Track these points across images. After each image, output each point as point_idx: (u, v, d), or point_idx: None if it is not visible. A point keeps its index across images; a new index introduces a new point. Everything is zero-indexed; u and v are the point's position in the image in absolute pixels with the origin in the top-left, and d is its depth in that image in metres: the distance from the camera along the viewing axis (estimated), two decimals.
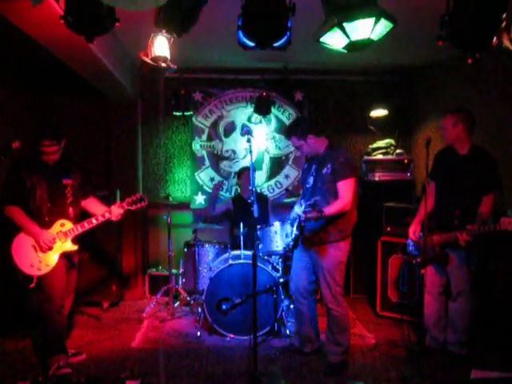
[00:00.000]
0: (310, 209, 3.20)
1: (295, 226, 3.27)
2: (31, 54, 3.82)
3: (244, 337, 3.85)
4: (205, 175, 5.74)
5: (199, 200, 5.71)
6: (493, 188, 3.32)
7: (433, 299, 3.54)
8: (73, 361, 3.52)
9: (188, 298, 4.78)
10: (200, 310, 4.28)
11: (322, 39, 2.45)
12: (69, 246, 3.40)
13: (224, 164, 5.76)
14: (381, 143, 5.50)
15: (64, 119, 5.48)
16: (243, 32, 2.39)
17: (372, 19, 2.28)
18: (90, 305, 4.82)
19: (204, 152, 5.74)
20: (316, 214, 3.16)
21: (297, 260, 3.61)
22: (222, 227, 5.08)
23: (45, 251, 3.29)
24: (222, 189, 5.63)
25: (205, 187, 5.72)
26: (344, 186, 3.26)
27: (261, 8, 2.32)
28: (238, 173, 5.12)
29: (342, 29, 2.31)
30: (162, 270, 5.32)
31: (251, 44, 2.43)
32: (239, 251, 4.16)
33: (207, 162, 5.74)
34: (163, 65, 3.19)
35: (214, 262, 4.41)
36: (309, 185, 3.48)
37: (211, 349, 3.84)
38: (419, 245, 3.55)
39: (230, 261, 4.07)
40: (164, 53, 3.14)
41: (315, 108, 5.86)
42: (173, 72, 3.36)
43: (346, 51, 2.50)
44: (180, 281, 4.89)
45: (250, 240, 3.92)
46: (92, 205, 3.65)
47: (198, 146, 5.72)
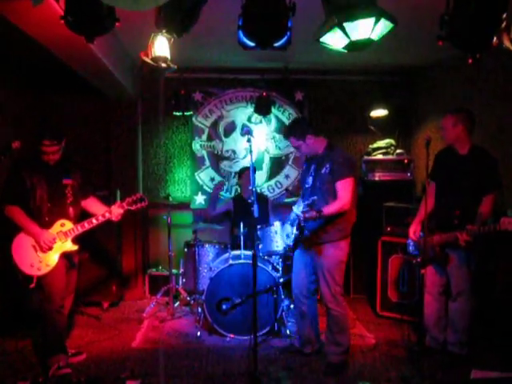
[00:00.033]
0: (309, 209, 3.19)
1: (295, 226, 3.27)
2: (31, 54, 3.83)
3: (244, 337, 3.85)
4: (205, 175, 5.74)
5: (199, 200, 5.71)
6: (493, 188, 3.32)
7: (433, 299, 3.54)
8: (73, 361, 3.52)
9: (188, 298, 4.78)
10: (200, 310, 4.28)
11: (322, 39, 2.45)
12: (69, 246, 3.40)
13: (224, 164, 5.76)
14: (381, 143, 5.50)
15: (64, 119, 5.48)
16: (243, 32, 2.39)
17: (372, 19, 2.28)
18: (90, 305, 4.82)
19: (204, 152, 5.74)
20: (314, 214, 3.16)
21: (297, 260, 3.61)
22: (223, 227, 5.08)
23: (45, 251, 3.29)
24: (223, 189, 5.63)
25: (205, 187, 5.72)
26: (343, 186, 3.26)
27: (261, 8, 2.32)
28: (239, 173, 5.12)
29: (342, 29, 2.31)
30: (162, 270, 5.32)
31: (251, 44, 2.43)
32: (239, 251, 4.16)
33: (207, 162, 5.74)
34: (163, 65, 3.19)
35: (214, 262, 4.41)
36: (308, 185, 3.48)
37: (211, 349, 3.84)
38: (419, 245, 3.55)
39: (230, 261, 4.07)
40: (164, 53, 3.14)
41: (315, 108, 5.86)
42: (173, 72, 3.36)
43: (346, 51, 2.50)
44: (180, 281, 4.89)
45: (250, 240, 3.92)
46: (92, 205, 3.65)
47: (198, 146, 5.72)
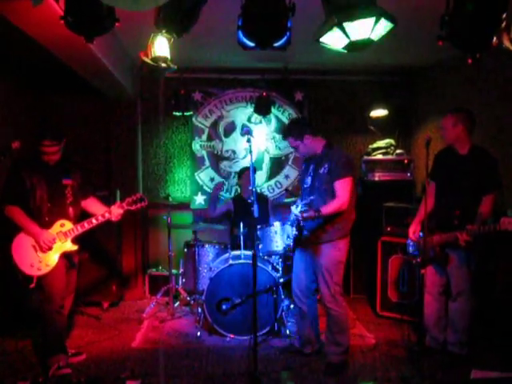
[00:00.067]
0: (307, 208, 3.20)
1: (294, 227, 3.27)
2: (31, 54, 3.82)
3: (244, 337, 3.84)
4: (205, 175, 5.74)
5: (199, 200, 5.71)
6: (493, 188, 3.32)
7: (433, 299, 3.54)
8: (73, 361, 3.52)
9: (188, 298, 4.78)
10: (200, 310, 4.28)
11: (322, 39, 2.45)
12: (69, 246, 3.40)
13: (224, 164, 5.76)
14: (381, 143, 5.50)
15: (64, 119, 5.48)
16: (243, 32, 2.39)
17: (372, 19, 2.28)
18: (90, 305, 4.82)
19: (204, 152, 5.74)
20: (313, 214, 3.16)
21: (297, 260, 3.61)
22: (223, 227, 5.06)
23: (45, 251, 3.29)
24: (223, 189, 5.64)
25: (205, 187, 5.72)
26: (341, 186, 3.26)
27: (261, 8, 2.32)
28: (239, 173, 5.11)
29: (342, 29, 2.31)
30: (162, 270, 5.32)
31: (251, 44, 2.43)
32: (239, 251, 4.16)
33: (207, 162, 5.74)
34: (163, 65, 3.19)
35: (214, 262, 4.41)
36: (306, 185, 3.48)
37: (211, 349, 3.84)
38: (419, 245, 3.55)
39: (230, 261, 4.07)
40: (164, 53, 3.14)
41: (315, 108, 5.86)
42: (173, 72, 3.35)
43: (346, 51, 2.50)
44: (180, 281, 4.88)
45: (250, 240, 3.92)
46: (92, 205, 3.65)
47: (198, 146, 5.72)
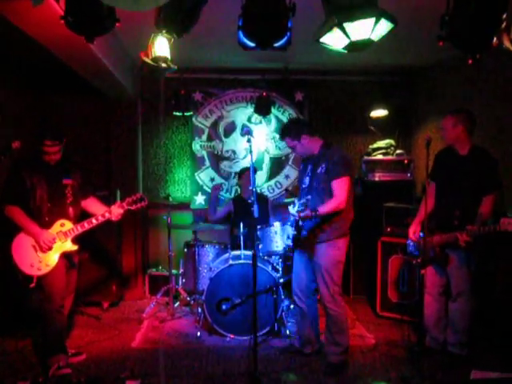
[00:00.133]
0: (304, 208, 3.20)
1: (293, 227, 3.28)
2: (31, 54, 3.83)
3: (244, 337, 3.84)
4: (205, 175, 5.74)
5: (199, 200, 5.71)
6: (493, 188, 3.32)
7: (433, 299, 3.54)
8: (73, 361, 3.51)
9: (188, 299, 4.77)
10: (200, 311, 4.28)
11: (323, 39, 2.45)
12: (69, 246, 3.40)
13: (224, 164, 5.76)
14: (381, 143, 5.50)
15: (64, 119, 5.48)
16: (243, 32, 2.39)
17: (372, 19, 2.28)
18: (90, 305, 4.82)
19: (204, 152, 5.74)
20: (309, 213, 3.17)
21: (297, 259, 3.61)
22: (224, 227, 5.06)
23: (45, 251, 3.29)
24: (222, 189, 5.64)
25: (205, 187, 5.72)
26: (338, 185, 3.26)
27: (261, 8, 2.33)
28: (239, 173, 5.11)
29: (343, 29, 2.31)
30: (162, 270, 5.32)
31: (251, 44, 2.43)
32: (239, 251, 4.16)
33: (207, 163, 5.74)
34: (163, 65, 3.19)
35: (214, 263, 4.41)
36: (305, 185, 3.49)
37: (211, 349, 3.84)
38: (419, 245, 3.55)
39: (230, 261, 4.06)
40: (164, 53, 3.15)
41: (315, 108, 5.87)
42: (173, 72, 3.36)
43: (346, 51, 2.50)
44: (180, 281, 4.88)
45: (250, 240, 3.92)
46: (92, 205, 3.65)
47: (198, 146, 5.72)
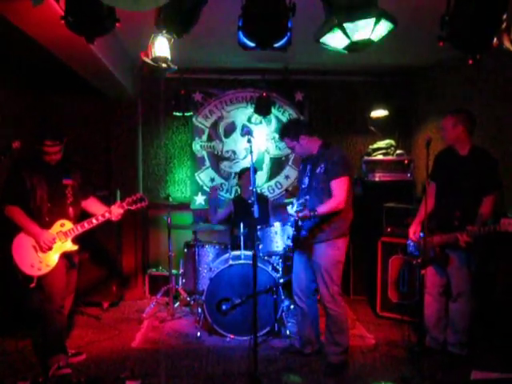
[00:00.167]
0: (302, 208, 3.21)
1: (293, 227, 3.28)
2: (31, 54, 3.82)
3: (244, 337, 3.84)
4: (205, 176, 5.74)
5: (199, 200, 5.71)
6: (493, 188, 3.32)
7: (433, 300, 3.54)
8: (73, 361, 3.51)
9: (188, 299, 4.77)
10: (200, 311, 4.28)
11: (323, 40, 2.44)
12: (69, 246, 3.40)
13: (224, 164, 5.76)
14: (381, 144, 5.50)
15: (64, 119, 5.47)
16: (243, 32, 2.39)
17: (372, 20, 2.28)
18: (90, 305, 4.82)
19: (204, 152, 5.73)
20: (308, 213, 3.18)
21: (297, 260, 3.61)
22: (224, 228, 5.06)
23: (45, 251, 3.29)
24: (222, 189, 5.64)
25: (205, 188, 5.71)
26: (337, 185, 3.27)
27: (261, 8, 2.33)
28: (239, 173, 5.11)
29: (343, 29, 2.31)
30: (162, 271, 5.32)
31: (251, 44, 2.43)
32: (239, 251, 4.16)
33: (207, 163, 5.74)
34: (164, 65, 3.19)
35: (214, 263, 4.41)
36: (304, 185, 3.49)
37: (211, 349, 3.84)
38: (419, 245, 3.55)
39: (230, 261, 4.06)
40: (164, 53, 3.15)
41: (315, 108, 5.87)
42: (173, 72, 3.36)
43: (347, 52, 2.50)
44: (180, 281, 4.88)
45: (251, 240, 3.92)
46: (92, 205, 3.65)
47: (198, 147, 5.72)
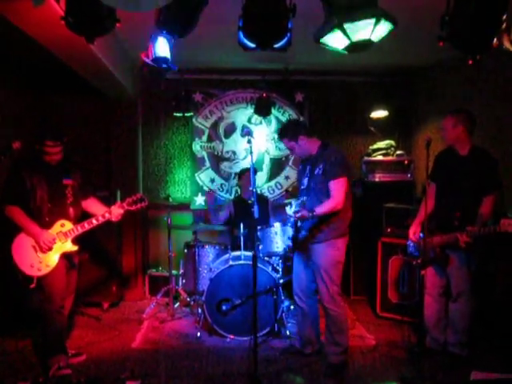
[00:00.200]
0: (300, 208, 3.22)
1: (292, 228, 3.29)
2: (31, 54, 3.82)
3: (244, 337, 3.84)
4: (205, 176, 5.73)
5: (199, 201, 5.71)
6: (493, 189, 3.32)
7: (433, 300, 3.54)
8: (73, 361, 3.51)
9: (188, 299, 4.77)
10: (200, 311, 4.28)
11: (323, 40, 2.44)
12: (69, 247, 3.40)
13: (224, 165, 5.76)
14: (381, 144, 5.50)
15: (64, 119, 5.47)
16: (244, 33, 2.40)
17: (372, 20, 2.28)
18: (90, 305, 4.82)
19: (204, 153, 5.73)
20: (306, 214, 3.19)
21: (297, 259, 3.61)
22: (223, 228, 5.06)
23: (45, 251, 3.29)
24: (222, 189, 5.64)
25: (205, 188, 5.72)
26: (335, 186, 3.27)
27: (261, 9, 2.33)
28: (239, 174, 5.11)
29: (343, 30, 2.31)
30: (162, 271, 5.32)
31: (252, 45, 2.43)
32: (239, 252, 4.16)
33: (207, 163, 5.74)
34: (164, 66, 3.19)
35: (214, 263, 4.41)
36: (303, 186, 3.50)
37: (211, 349, 3.84)
38: (419, 246, 3.55)
39: (230, 262, 4.06)
40: (165, 53, 3.15)
41: (316, 109, 5.87)
42: (173, 72, 3.36)
43: (347, 52, 2.50)
44: (180, 282, 4.88)
45: (251, 241, 3.92)
46: (92, 205, 3.65)
47: (199, 147, 5.72)
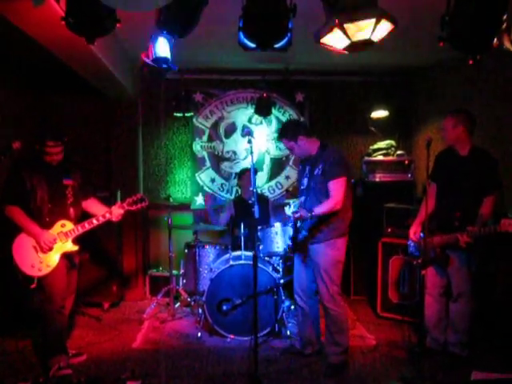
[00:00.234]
0: (299, 209, 3.22)
1: (292, 228, 3.30)
2: (31, 54, 3.82)
3: (244, 338, 3.85)
4: (205, 176, 5.73)
5: (199, 201, 5.71)
6: (493, 189, 3.32)
7: (433, 300, 3.54)
8: (73, 361, 3.51)
9: (188, 299, 4.76)
10: (200, 311, 4.28)
11: (323, 40, 2.44)
12: (69, 247, 3.40)
13: (225, 165, 5.76)
14: (381, 144, 5.50)
15: (64, 119, 5.47)
16: (244, 33, 2.40)
17: (373, 20, 2.28)
18: (91, 305, 4.82)
19: (204, 153, 5.73)
20: (304, 214, 3.19)
21: (298, 259, 3.61)
22: (223, 228, 5.06)
23: (45, 252, 3.29)
24: (222, 190, 5.64)
25: (205, 188, 5.71)
26: (334, 186, 3.28)
27: (261, 9, 2.33)
28: (239, 174, 5.11)
29: (343, 30, 2.31)
30: (163, 271, 5.33)
31: (252, 45, 2.43)
32: (240, 252, 4.16)
33: (208, 163, 5.73)
34: (164, 66, 3.19)
35: (215, 263, 4.41)
36: (303, 186, 3.50)
37: (212, 349, 3.84)
38: (420, 246, 3.55)
39: (231, 262, 4.06)
40: (165, 54, 3.15)
41: (316, 109, 5.87)
42: (173, 73, 3.36)
43: (347, 52, 2.50)
44: (180, 282, 4.88)
45: (251, 241, 3.92)
46: (92, 205, 3.65)
47: (199, 147, 5.72)
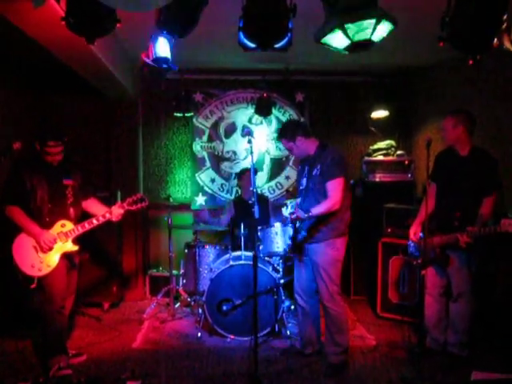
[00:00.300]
0: (296, 209, 3.22)
1: (291, 228, 3.31)
2: (31, 54, 3.82)
3: (244, 338, 3.85)
4: (205, 176, 5.73)
5: (200, 201, 5.71)
6: (493, 189, 3.32)
7: (433, 300, 3.54)
8: (73, 362, 3.51)
9: (189, 299, 4.77)
10: (200, 311, 4.28)
11: (323, 40, 2.44)
12: (69, 247, 3.40)
13: (225, 165, 5.76)
14: (381, 144, 5.51)
15: (64, 119, 5.47)
16: (244, 33, 2.40)
17: (373, 20, 2.28)
18: (91, 305, 4.82)
19: (205, 153, 5.73)
20: (301, 215, 3.20)
21: (298, 260, 3.60)
22: (223, 228, 5.07)
23: (45, 252, 3.29)
24: (222, 190, 5.65)
25: (205, 188, 5.72)
26: (332, 186, 3.28)
27: (261, 9, 2.33)
28: (239, 174, 5.11)
29: (343, 30, 2.31)
30: (163, 271, 5.33)
31: (252, 45, 2.43)
32: (240, 252, 4.16)
33: (208, 163, 5.74)
34: (164, 66, 3.20)
35: (215, 263, 4.41)
36: (302, 186, 3.50)
37: (212, 350, 3.84)
38: (420, 246, 3.55)
39: (231, 262, 4.07)
40: (165, 54, 3.15)
41: (316, 109, 5.87)
42: (173, 73, 3.36)
43: (347, 52, 2.50)
44: (180, 282, 4.88)
45: (251, 241, 3.92)
46: (92, 205, 3.65)
47: (199, 147, 5.72)
